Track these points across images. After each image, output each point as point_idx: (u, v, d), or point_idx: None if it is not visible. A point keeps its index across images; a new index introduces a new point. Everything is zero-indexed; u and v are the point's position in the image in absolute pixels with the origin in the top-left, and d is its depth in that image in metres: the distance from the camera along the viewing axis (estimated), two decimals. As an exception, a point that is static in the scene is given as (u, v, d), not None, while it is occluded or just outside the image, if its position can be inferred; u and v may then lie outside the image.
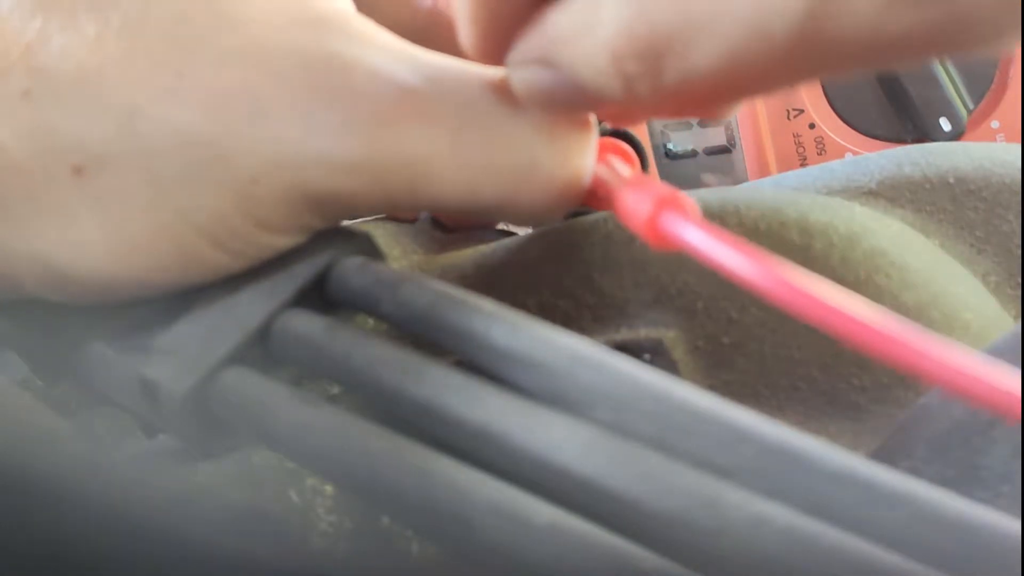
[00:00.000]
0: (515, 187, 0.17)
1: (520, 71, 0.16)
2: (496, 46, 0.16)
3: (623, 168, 0.18)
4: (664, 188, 0.15)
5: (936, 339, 0.11)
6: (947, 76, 0.36)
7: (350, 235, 0.18)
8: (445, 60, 0.17)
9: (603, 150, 0.19)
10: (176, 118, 0.15)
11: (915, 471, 0.14)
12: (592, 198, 0.18)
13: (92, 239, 0.15)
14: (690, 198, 0.15)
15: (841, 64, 0.12)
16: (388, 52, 0.16)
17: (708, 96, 0.13)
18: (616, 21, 0.13)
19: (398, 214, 0.27)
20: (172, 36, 0.15)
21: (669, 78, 0.13)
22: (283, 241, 0.16)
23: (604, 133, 0.23)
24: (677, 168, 0.40)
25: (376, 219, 0.27)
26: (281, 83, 0.15)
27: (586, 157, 0.17)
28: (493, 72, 0.17)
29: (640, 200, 0.15)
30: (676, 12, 0.12)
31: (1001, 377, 0.10)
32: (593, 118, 0.18)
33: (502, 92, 0.17)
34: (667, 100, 0.14)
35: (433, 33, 0.24)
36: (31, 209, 0.15)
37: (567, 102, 0.16)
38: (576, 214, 0.26)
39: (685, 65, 0.13)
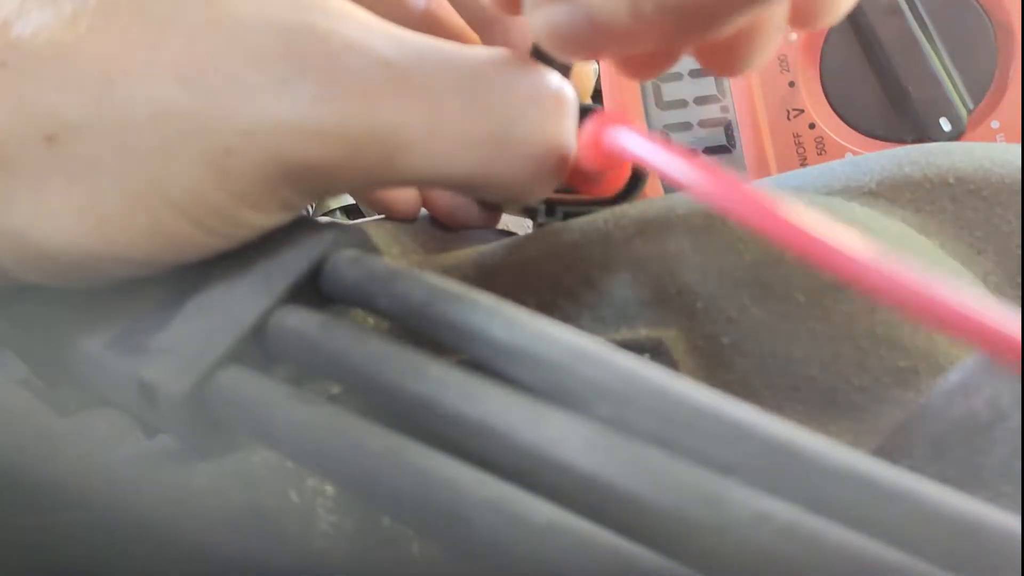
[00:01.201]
0: (491, 159, 0.17)
1: (538, 12, 0.16)
2: None
3: None
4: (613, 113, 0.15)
5: (921, 272, 0.11)
6: (947, 76, 0.36)
7: (342, 229, 0.18)
8: (421, 36, 0.17)
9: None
10: (150, 88, 0.15)
11: (915, 471, 0.14)
12: (577, 179, 0.18)
13: (64, 210, 0.15)
14: (634, 121, 0.15)
15: None
16: (364, 25, 0.16)
17: (711, 10, 0.14)
18: None
19: (390, 199, 0.27)
20: (148, 12, 0.15)
21: None
22: (262, 219, 0.16)
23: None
24: (677, 169, 0.40)
25: (376, 219, 0.27)
26: (256, 53, 0.15)
27: (565, 127, 0.18)
28: (469, 48, 0.17)
29: (586, 126, 0.16)
30: None
31: (1001, 318, 0.10)
32: (572, 90, 0.18)
33: (478, 66, 0.17)
34: (672, 20, 0.14)
35: (428, 34, 0.24)
36: (5, 181, 0.15)
37: (584, 40, 0.16)
38: (575, 214, 0.26)
39: None
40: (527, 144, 0.17)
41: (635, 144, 0.14)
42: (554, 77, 0.18)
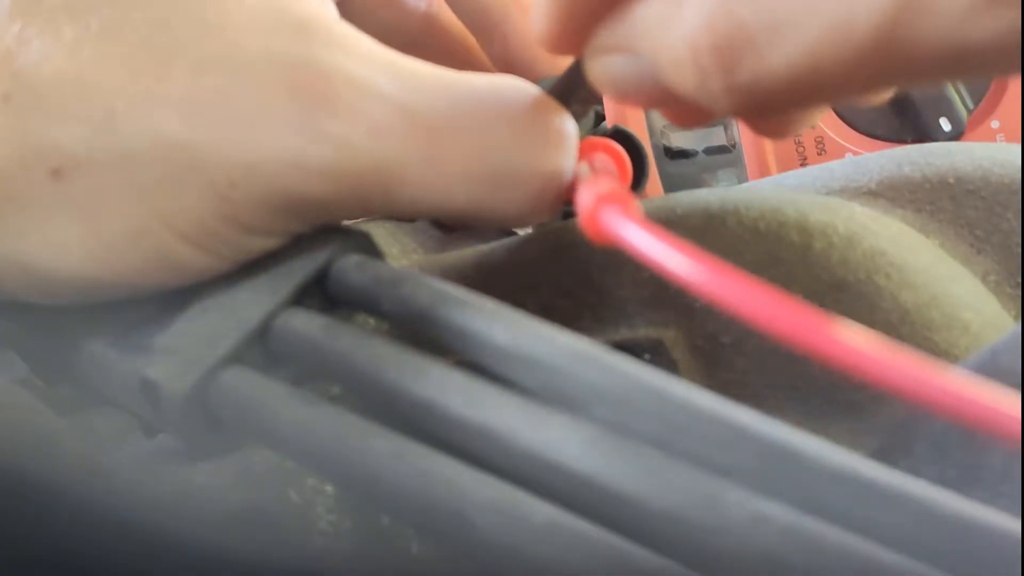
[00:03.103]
0: (489, 192, 0.17)
1: (600, 59, 0.16)
2: (573, 36, 0.16)
3: (608, 167, 0.18)
4: (611, 185, 0.15)
5: (911, 356, 0.11)
6: (947, 76, 0.36)
7: (348, 233, 0.18)
8: (423, 67, 0.17)
9: (594, 149, 0.19)
10: (153, 122, 0.15)
11: (915, 471, 0.14)
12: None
13: (71, 241, 0.15)
14: (634, 199, 0.15)
15: (919, 72, 0.12)
16: (366, 58, 0.16)
17: (780, 100, 0.14)
18: (699, 14, 0.13)
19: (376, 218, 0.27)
20: (150, 42, 0.15)
21: (743, 76, 0.13)
22: (266, 243, 0.17)
23: (605, 132, 0.23)
24: (677, 168, 0.40)
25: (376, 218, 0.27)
26: (259, 89, 0.15)
27: (562, 161, 0.18)
28: (470, 78, 0.17)
29: (585, 195, 0.15)
30: (760, 9, 0.13)
31: (999, 398, 0.10)
32: (573, 124, 0.18)
33: (478, 100, 0.17)
34: (738, 100, 0.14)
35: (427, 37, 0.24)
36: (10, 211, 0.15)
37: (643, 94, 0.16)
38: (575, 214, 0.26)
39: (761, 64, 0.13)
40: (524, 180, 0.17)
41: (633, 235, 0.14)
42: (554, 110, 0.18)
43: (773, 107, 0.14)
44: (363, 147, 0.16)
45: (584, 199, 0.15)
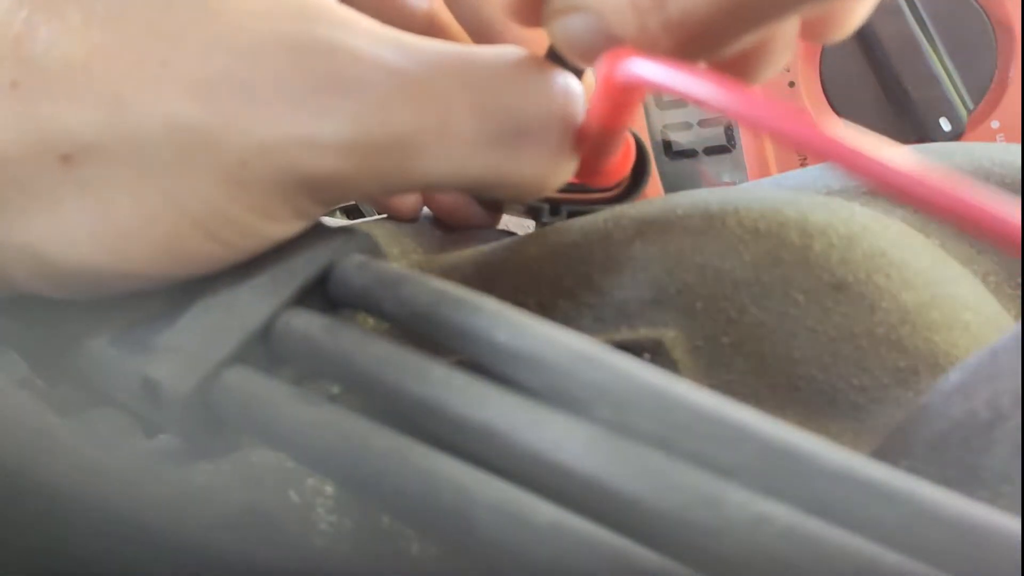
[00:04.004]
0: (505, 154, 0.17)
1: (556, 21, 0.17)
2: (530, 6, 0.17)
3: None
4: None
5: (930, 168, 0.11)
6: (947, 76, 0.36)
7: (350, 234, 0.18)
8: (425, 40, 0.17)
9: None
10: (162, 105, 0.15)
11: (915, 471, 0.14)
12: (586, 170, 0.18)
13: (81, 228, 0.15)
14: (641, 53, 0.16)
15: None
16: (369, 35, 0.16)
17: (714, 29, 0.15)
18: None
19: (393, 199, 0.27)
20: (156, 25, 0.15)
21: (674, 10, 0.14)
22: (278, 229, 0.17)
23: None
24: (677, 168, 0.40)
25: (376, 219, 0.27)
26: (266, 69, 0.15)
27: (572, 109, 0.18)
28: (475, 48, 0.17)
29: (596, 76, 0.16)
30: None
31: (1001, 205, 0.10)
32: (577, 81, 0.18)
33: (485, 64, 0.17)
34: (677, 36, 0.15)
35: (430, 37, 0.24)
36: (21, 200, 0.15)
37: (598, 48, 0.16)
38: (578, 213, 0.26)
39: None
40: (538, 133, 0.17)
41: (650, 71, 0.15)
42: (556, 68, 0.18)
43: (710, 39, 0.15)
44: (373, 120, 0.16)
45: (597, 75, 0.16)
